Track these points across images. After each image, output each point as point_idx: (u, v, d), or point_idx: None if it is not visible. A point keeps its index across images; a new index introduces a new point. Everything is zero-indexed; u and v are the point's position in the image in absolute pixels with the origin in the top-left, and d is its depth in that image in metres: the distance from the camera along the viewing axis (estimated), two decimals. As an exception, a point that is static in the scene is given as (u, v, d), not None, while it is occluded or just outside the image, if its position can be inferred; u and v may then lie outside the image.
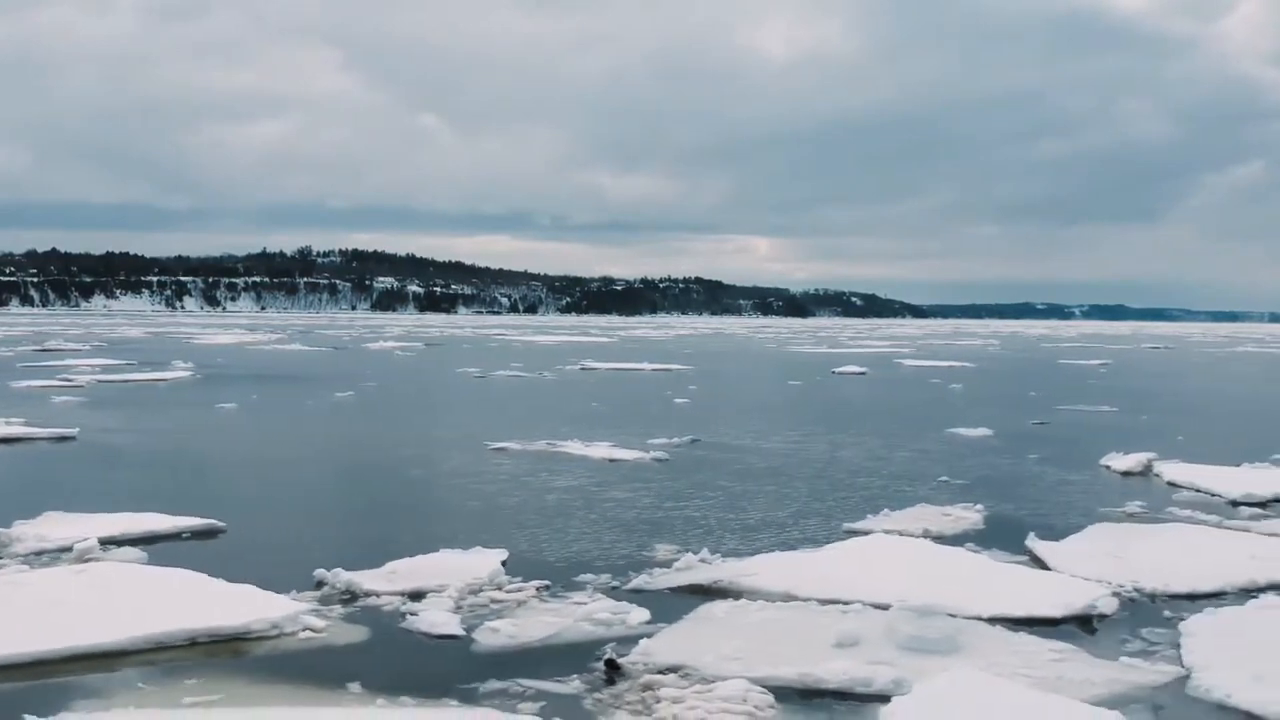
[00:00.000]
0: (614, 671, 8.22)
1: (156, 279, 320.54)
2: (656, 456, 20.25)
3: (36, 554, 11.53)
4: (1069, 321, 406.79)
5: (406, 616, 9.51)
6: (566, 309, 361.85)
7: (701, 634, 9.08)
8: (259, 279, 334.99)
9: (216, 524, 13.23)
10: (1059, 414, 31.10)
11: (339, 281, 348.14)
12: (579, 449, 21.04)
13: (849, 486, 17.47)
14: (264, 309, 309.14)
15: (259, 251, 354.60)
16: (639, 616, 9.57)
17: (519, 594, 10.30)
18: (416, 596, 10.13)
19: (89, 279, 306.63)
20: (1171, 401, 37.52)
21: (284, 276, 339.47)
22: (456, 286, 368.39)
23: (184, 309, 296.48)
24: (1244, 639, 8.96)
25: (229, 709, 7.31)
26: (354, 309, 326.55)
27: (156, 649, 8.53)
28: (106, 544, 11.94)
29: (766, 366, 58.15)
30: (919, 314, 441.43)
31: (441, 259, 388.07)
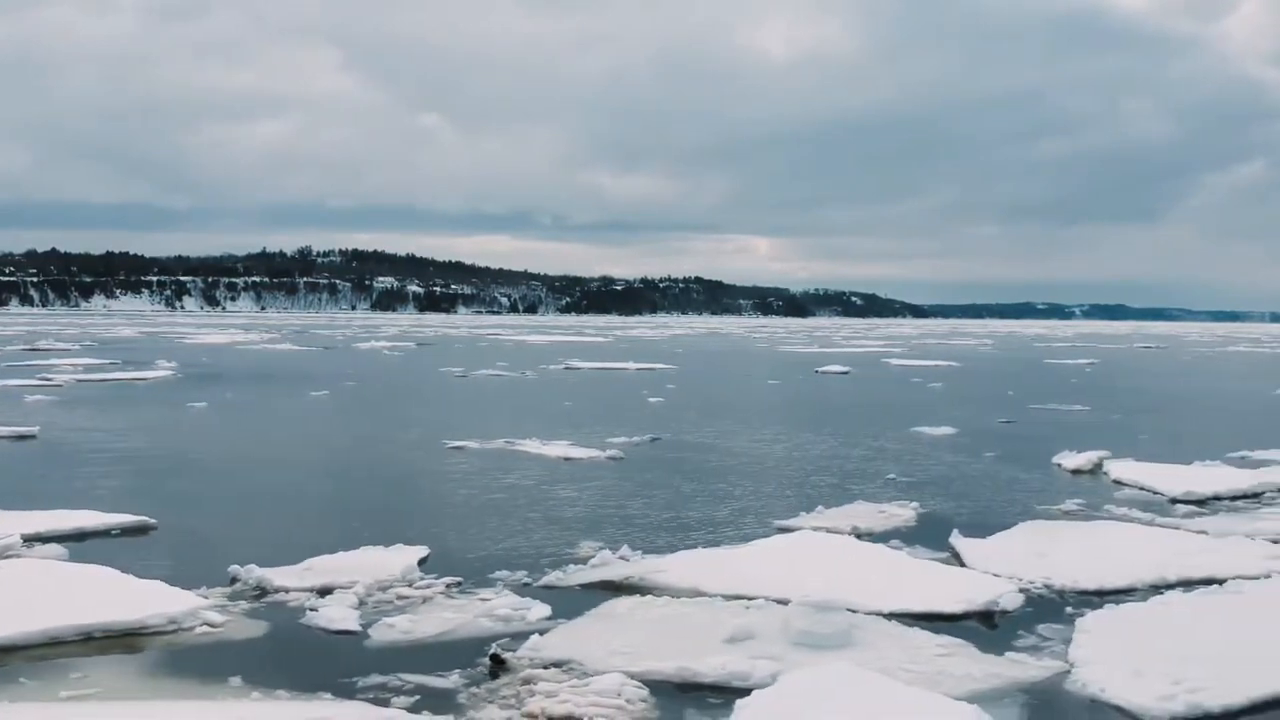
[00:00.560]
0: (498, 666, 8.28)
1: (156, 279, 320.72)
2: (612, 455, 20.30)
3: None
4: (1069, 321, 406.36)
5: (307, 612, 9.57)
6: (566, 309, 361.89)
7: (597, 630, 9.15)
8: (259, 279, 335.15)
9: (148, 521, 13.30)
10: (1030, 413, 31.14)
11: (339, 281, 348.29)
12: (536, 448, 21.11)
13: (796, 484, 17.53)
14: (264, 309, 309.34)
15: (259, 251, 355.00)
16: (540, 613, 9.63)
17: (427, 590, 10.36)
18: (325, 593, 10.19)
19: (89, 279, 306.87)
20: (1146, 400, 37.53)
21: (284, 276, 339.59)
22: (456, 286, 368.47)
23: (184, 309, 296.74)
24: (1134, 635, 9.01)
25: (102, 703, 7.37)
26: (354, 309, 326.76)
27: (49, 644, 8.60)
28: (31, 541, 12.02)
29: (752, 366, 58.17)
30: (919, 314, 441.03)
31: (441, 259, 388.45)
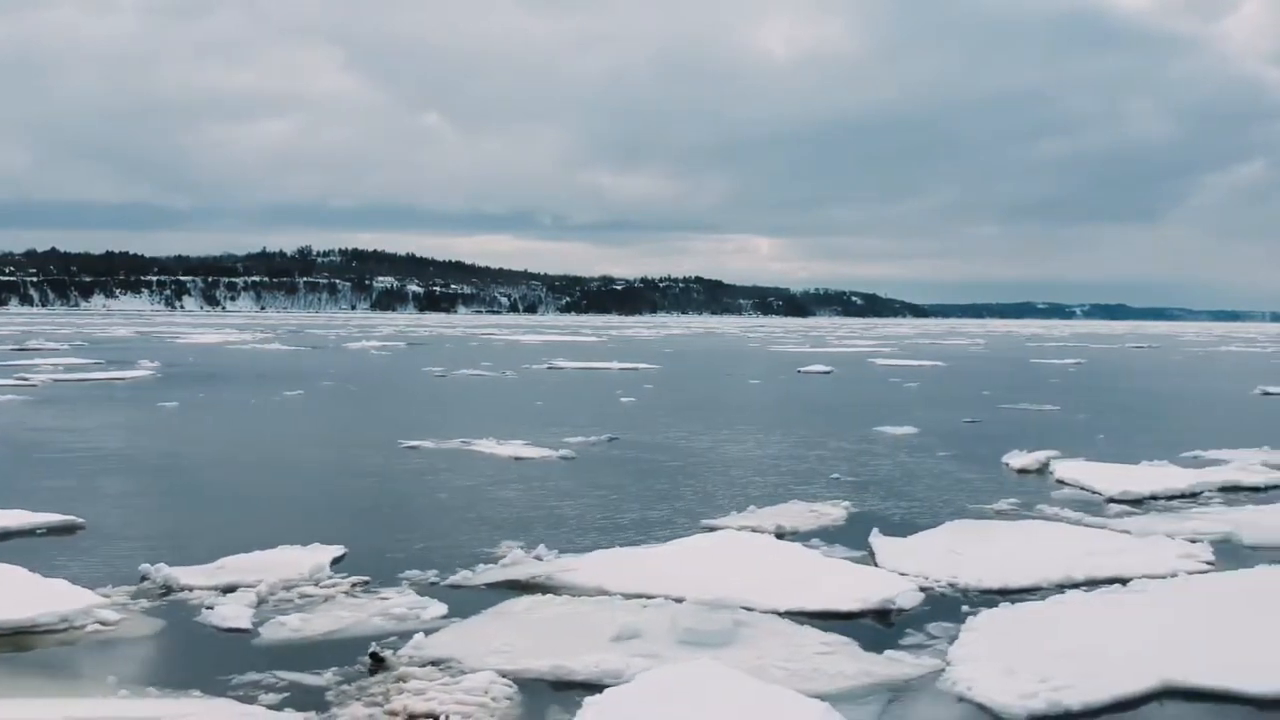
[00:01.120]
0: (377, 665, 8.35)
1: (156, 279, 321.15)
2: (564, 455, 20.36)
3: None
4: (1068, 321, 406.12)
5: (202, 611, 9.65)
6: (566, 308, 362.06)
7: (486, 629, 9.21)
8: (259, 279, 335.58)
9: (76, 521, 13.37)
10: (999, 412, 31.18)
11: (339, 281, 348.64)
12: (490, 447, 21.18)
13: (739, 484, 17.57)
14: (264, 309, 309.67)
15: (259, 251, 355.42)
16: (435, 611, 9.71)
17: (331, 589, 10.44)
18: (228, 591, 10.27)
19: (88, 279, 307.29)
20: (1119, 400, 37.55)
21: (284, 276, 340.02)
22: (456, 286, 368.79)
23: (183, 309, 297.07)
24: (1018, 634, 9.06)
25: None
26: (353, 309, 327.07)
27: (-63, 642, 8.69)
28: (-49, 540, 12.11)
29: (736, 366, 58.20)
30: (919, 313, 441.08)
31: (442, 259, 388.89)
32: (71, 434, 22.90)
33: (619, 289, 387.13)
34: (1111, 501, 15.92)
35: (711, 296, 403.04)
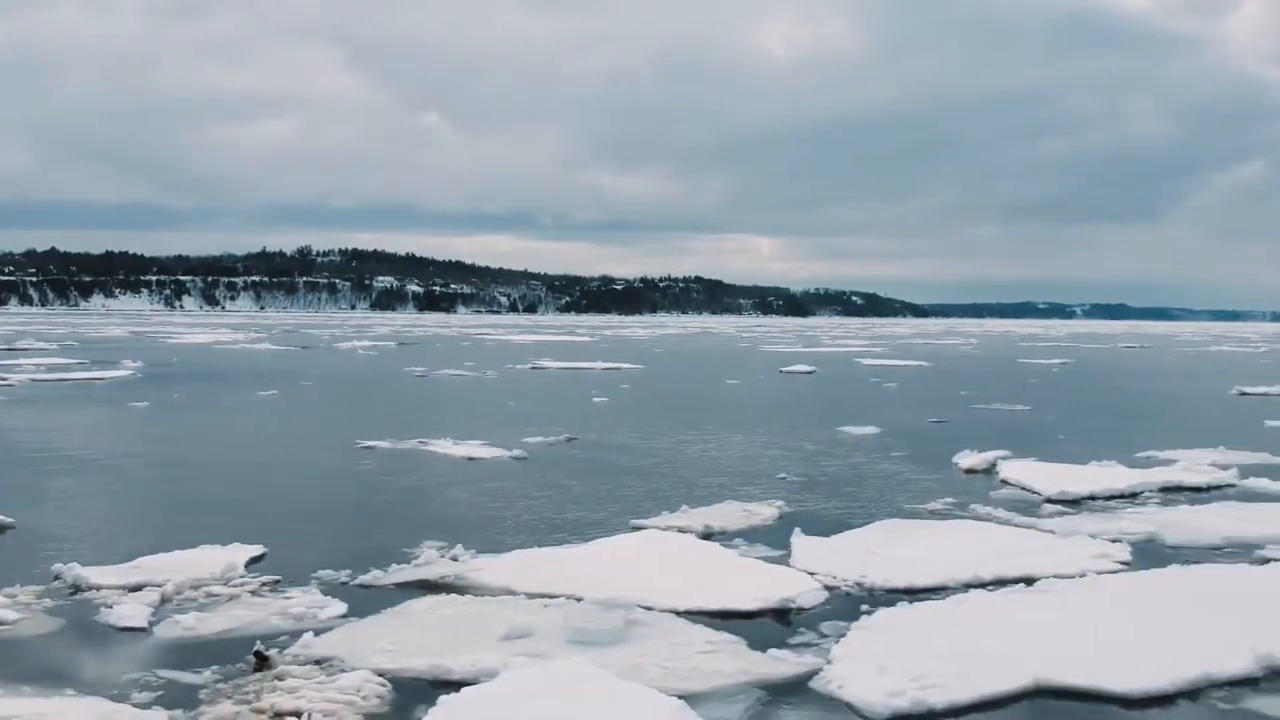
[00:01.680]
0: (262, 663, 8.43)
1: (155, 279, 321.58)
2: (517, 455, 20.44)
3: None
4: (1068, 321, 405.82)
5: (102, 610, 9.72)
6: (566, 308, 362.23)
7: (378, 628, 9.28)
8: (258, 279, 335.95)
9: (6, 521, 13.43)
10: (970, 412, 31.25)
11: (338, 281, 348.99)
12: (445, 448, 21.25)
13: (683, 484, 17.60)
14: (263, 308, 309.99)
15: (259, 251, 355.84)
16: (334, 611, 9.78)
17: (238, 589, 10.51)
18: (136, 590, 10.34)
19: (88, 279, 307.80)
20: (1092, 400, 37.61)
21: (283, 276, 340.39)
22: (456, 286, 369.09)
23: (183, 308, 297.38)
24: (904, 633, 9.11)
25: None
26: (353, 308, 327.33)
27: None
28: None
29: (721, 366, 58.25)
30: (920, 313, 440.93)
31: (441, 258, 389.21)
32: (31, 434, 23.00)
33: (619, 289, 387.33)
34: (1049, 502, 15.97)
35: (711, 296, 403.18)
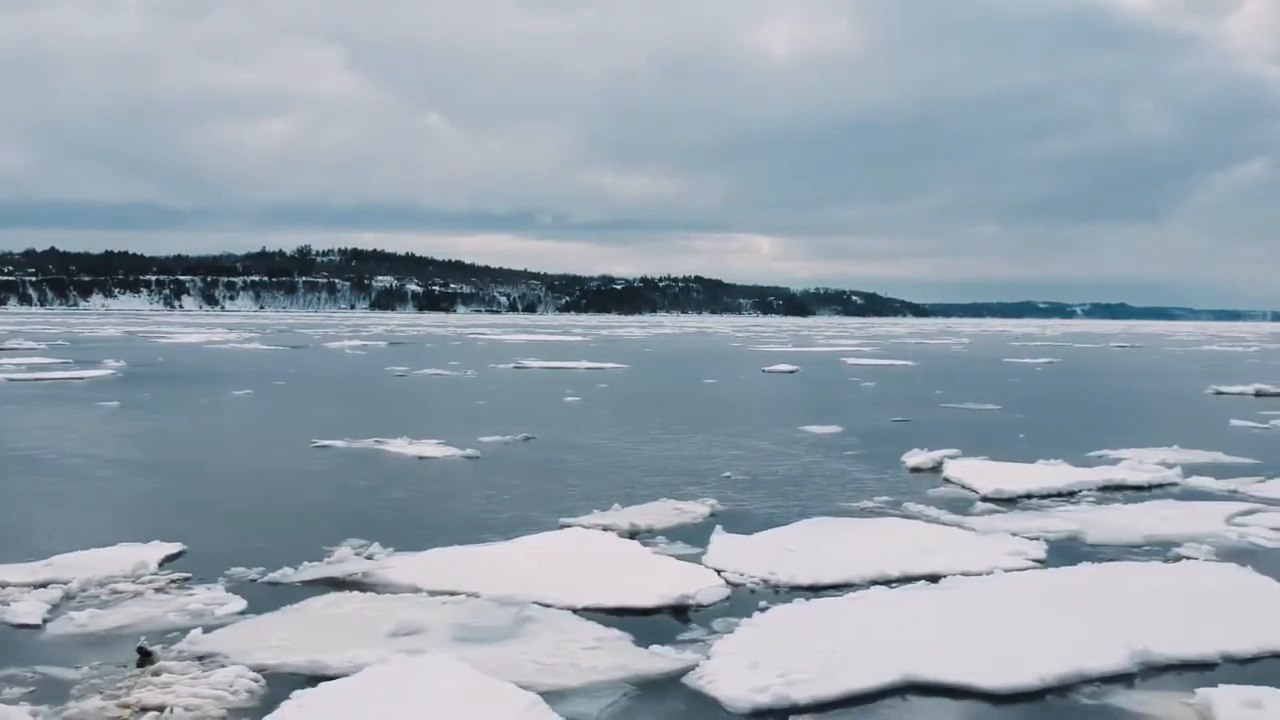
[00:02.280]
0: (145, 659, 8.51)
1: (155, 278, 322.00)
2: (469, 454, 20.51)
3: None
4: (1067, 321, 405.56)
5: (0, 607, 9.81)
6: (566, 308, 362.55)
7: (270, 625, 9.35)
8: (258, 278, 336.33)
9: (-65, 519, 13.56)
10: (938, 411, 31.31)
11: (338, 281, 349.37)
12: (400, 447, 21.33)
13: (627, 483, 17.63)
14: (263, 308, 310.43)
15: (259, 251, 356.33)
16: (233, 608, 9.86)
17: (144, 586, 10.59)
18: (41, 587, 10.43)
19: (87, 278, 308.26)
20: (1065, 399, 37.66)
21: (283, 275, 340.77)
22: (456, 285, 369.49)
23: (182, 308, 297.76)
24: (787, 629, 9.17)
25: None
26: (352, 308, 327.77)
27: None
28: None
29: (706, 366, 58.30)
30: (920, 313, 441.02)
31: (442, 258, 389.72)
32: (-9, 433, 23.10)
33: (619, 288, 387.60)
34: (984, 500, 16.03)
35: (712, 296, 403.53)
